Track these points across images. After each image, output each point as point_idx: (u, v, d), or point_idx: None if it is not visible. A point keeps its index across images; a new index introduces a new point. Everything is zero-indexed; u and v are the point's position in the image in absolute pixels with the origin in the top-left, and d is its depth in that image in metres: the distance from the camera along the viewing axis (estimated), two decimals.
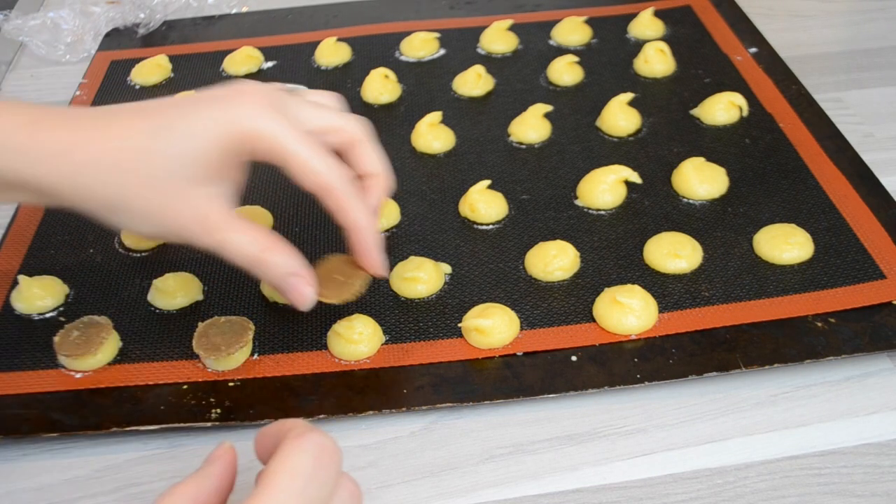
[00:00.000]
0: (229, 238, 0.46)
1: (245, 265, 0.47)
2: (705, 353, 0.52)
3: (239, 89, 0.47)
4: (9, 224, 0.65)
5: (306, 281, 0.48)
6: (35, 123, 0.45)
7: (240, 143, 0.45)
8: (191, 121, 0.45)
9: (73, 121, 0.46)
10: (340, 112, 0.50)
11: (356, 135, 0.49)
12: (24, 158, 0.45)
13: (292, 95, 0.49)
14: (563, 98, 0.75)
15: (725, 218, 0.62)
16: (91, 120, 0.46)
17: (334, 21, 0.89)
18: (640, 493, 0.47)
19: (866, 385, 0.52)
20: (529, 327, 0.55)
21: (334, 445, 0.35)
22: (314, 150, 0.46)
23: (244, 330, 0.53)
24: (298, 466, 0.33)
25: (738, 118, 0.71)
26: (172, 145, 0.45)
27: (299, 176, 0.46)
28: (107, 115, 0.47)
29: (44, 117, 0.46)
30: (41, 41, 0.87)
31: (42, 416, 0.51)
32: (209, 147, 0.45)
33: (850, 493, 0.46)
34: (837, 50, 0.83)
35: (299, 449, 0.34)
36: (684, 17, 0.86)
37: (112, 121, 0.46)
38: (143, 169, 0.45)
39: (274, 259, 0.47)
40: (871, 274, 0.57)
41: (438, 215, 0.64)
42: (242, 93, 0.46)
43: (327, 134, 0.48)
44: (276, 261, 0.47)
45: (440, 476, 0.48)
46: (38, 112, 0.46)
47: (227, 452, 0.36)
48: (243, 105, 0.45)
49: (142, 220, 0.46)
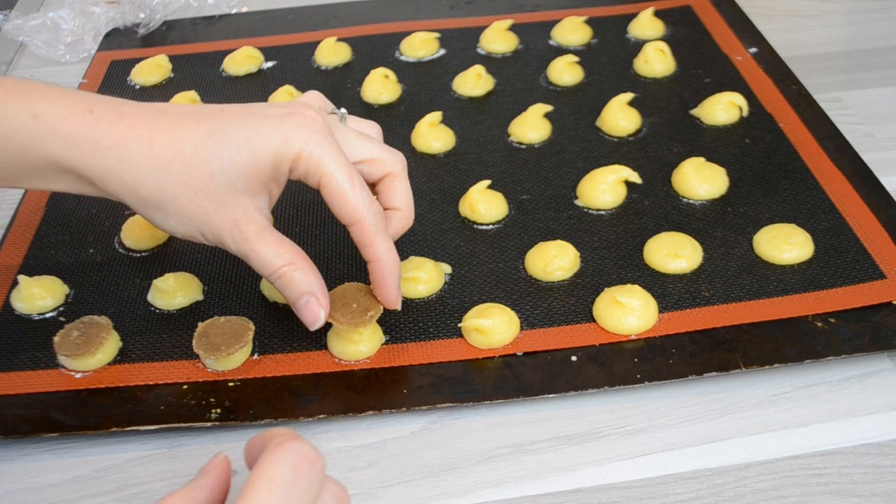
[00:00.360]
0: (257, 249, 0.48)
1: (267, 276, 0.49)
2: (705, 353, 0.52)
3: (294, 111, 0.48)
4: (9, 224, 0.65)
5: (320, 303, 0.50)
6: (91, 113, 0.46)
7: (290, 161, 0.47)
8: (249, 133, 0.47)
9: (129, 116, 0.47)
10: (381, 144, 0.53)
11: (394, 169, 0.52)
12: (77, 148, 0.46)
13: (340, 122, 0.52)
14: (563, 98, 0.75)
15: (725, 218, 0.62)
16: (145, 119, 0.47)
17: (334, 21, 0.89)
18: (640, 493, 0.47)
19: (866, 385, 0.52)
20: (529, 327, 0.55)
21: (315, 452, 0.34)
22: (354, 181, 0.48)
23: (244, 330, 0.53)
24: (276, 477, 0.33)
25: (738, 118, 0.71)
26: (227, 153, 0.46)
27: (336, 203, 0.48)
28: (162, 114, 0.48)
29: (100, 107, 0.47)
30: (41, 41, 0.87)
31: (42, 416, 0.51)
32: (261, 161, 0.47)
33: (850, 493, 0.46)
34: (837, 50, 0.83)
35: (277, 459, 0.34)
36: (684, 17, 0.86)
37: (168, 121, 0.47)
38: (191, 173, 0.46)
39: (295, 276, 0.49)
40: (871, 274, 0.57)
41: (438, 215, 0.64)
42: (298, 114, 0.48)
43: (366, 164, 0.51)
44: (296, 277, 0.49)
45: (440, 476, 0.48)
46: (95, 102, 0.47)
47: (220, 464, 0.36)
48: (299, 127, 0.47)
49: (178, 220, 0.48)
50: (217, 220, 0.47)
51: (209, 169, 0.46)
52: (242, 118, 0.47)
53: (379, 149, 0.52)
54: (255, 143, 0.47)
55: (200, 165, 0.46)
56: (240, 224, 0.48)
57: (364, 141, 0.51)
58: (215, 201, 0.47)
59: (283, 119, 0.47)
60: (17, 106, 0.46)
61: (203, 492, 0.35)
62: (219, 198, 0.47)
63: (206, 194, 0.47)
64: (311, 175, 0.48)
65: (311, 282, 0.49)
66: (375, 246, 0.49)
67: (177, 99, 0.75)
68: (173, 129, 0.47)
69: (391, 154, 0.52)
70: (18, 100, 0.46)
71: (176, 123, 0.47)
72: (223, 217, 0.47)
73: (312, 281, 0.49)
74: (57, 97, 0.47)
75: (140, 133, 0.46)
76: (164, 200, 0.47)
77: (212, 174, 0.46)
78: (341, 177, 0.47)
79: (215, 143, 0.46)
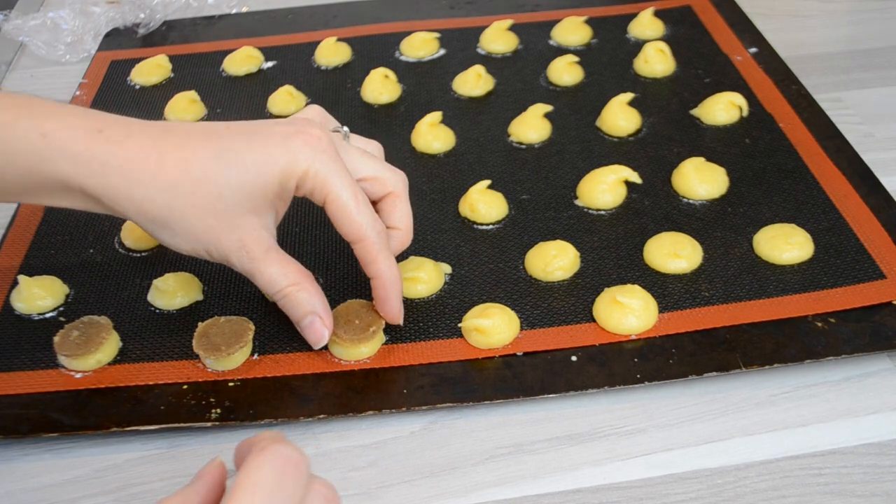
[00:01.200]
0: (263, 268, 0.49)
1: (272, 295, 0.50)
2: (705, 353, 0.52)
3: (300, 129, 0.48)
4: (9, 224, 0.65)
5: (324, 323, 0.51)
6: (100, 132, 0.47)
7: (296, 180, 0.48)
8: (256, 153, 0.47)
9: (137, 136, 0.48)
10: (384, 163, 0.53)
11: (395, 189, 0.52)
12: (86, 167, 0.46)
13: (343, 140, 0.52)
14: (563, 98, 0.75)
15: (725, 218, 0.62)
16: (154, 138, 0.48)
17: (334, 21, 0.89)
18: (640, 493, 0.47)
19: (866, 385, 0.52)
20: (529, 327, 0.55)
21: (298, 454, 0.34)
22: (358, 200, 0.49)
23: (244, 330, 0.53)
24: (259, 481, 0.33)
25: (738, 118, 0.71)
26: (235, 173, 0.47)
27: (341, 221, 0.49)
28: (170, 133, 0.48)
29: (109, 127, 0.47)
30: (41, 41, 0.87)
31: (42, 416, 0.51)
32: (268, 181, 0.47)
33: (850, 493, 0.46)
34: (837, 50, 0.83)
35: (260, 463, 0.34)
36: (684, 17, 0.86)
37: (176, 140, 0.48)
38: (199, 192, 0.47)
39: (299, 296, 0.50)
40: (871, 274, 0.57)
41: (438, 215, 0.64)
42: (304, 133, 0.48)
43: (369, 182, 0.51)
44: (300, 297, 0.50)
45: (440, 476, 0.48)
46: (104, 121, 0.48)
47: (214, 469, 0.36)
48: (306, 146, 0.48)
49: (185, 239, 0.48)
50: (224, 239, 0.48)
51: (218, 188, 0.47)
52: (249, 137, 0.48)
53: (382, 167, 0.52)
54: (263, 163, 0.47)
55: (209, 185, 0.47)
56: (246, 244, 0.48)
57: (367, 159, 0.52)
58: (224, 221, 0.48)
59: (289, 138, 0.48)
60: (27, 125, 0.46)
61: (197, 496, 0.35)
62: (227, 217, 0.47)
63: (215, 214, 0.47)
64: (318, 193, 0.48)
65: (315, 301, 0.50)
66: (378, 264, 0.50)
67: (177, 99, 0.75)
68: (181, 148, 0.47)
69: (393, 173, 0.53)
70: (28, 118, 0.46)
71: (184, 143, 0.47)
72: (230, 237, 0.48)
73: (316, 301, 0.50)
74: (66, 115, 0.47)
75: (149, 153, 0.47)
76: (172, 219, 0.47)
77: (220, 194, 0.47)
78: (346, 195, 0.48)
79: (224, 163, 0.47)
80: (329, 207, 0.49)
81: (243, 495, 0.33)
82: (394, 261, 0.51)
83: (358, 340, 0.52)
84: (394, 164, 0.54)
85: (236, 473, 0.34)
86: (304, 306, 0.50)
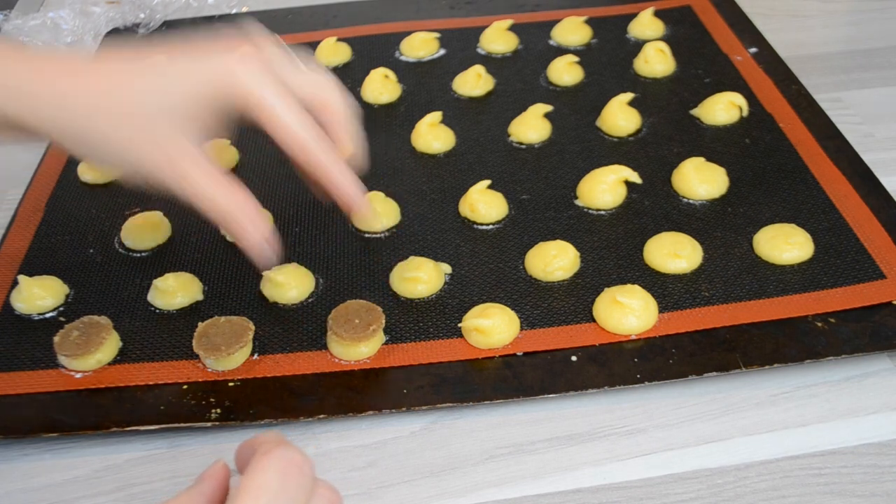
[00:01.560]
0: (187, 169, 0.46)
1: (196, 197, 0.46)
2: (705, 353, 0.52)
3: (233, 44, 0.47)
4: (9, 224, 0.65)
5: (250, 219, 0.47)
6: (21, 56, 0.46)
7: (221, 92, 0.46)
8: (179, 64, 0.46)
9: (58, 60, 0.47)
10: (328, 83, 0.50)
11: (334, 103, 0.49)
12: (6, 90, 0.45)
13: (286, 58, 0.49)
14: (563, 98, 0.75)
15: (725, 218, 0.62)
16: (76, 59, 0.47)
17: (334, 21, 0.89)
18: (640, 493, 0.47)
19: (866, 385, 0.52)
20: (529, 327, 0.55)
21: (302, 457, 0.34)
22: (290, 106, 0.46)
23: (244, 330, 0.53)
24: (263, 484, 0.33)
25: (738, 118, 0.71)
26: (153, 81, 0.46)
27: (273, 130, 0.46)
28: (95, 57, 0.48)
29: (29, 51, 0.47)
30: (41, 41, 0.87)
31: (42, 416, 0.51)
32: (188, 90, 0.46)
33: (850, 493, 0.46)
34: (837, 50, 0.83)
35: (264, 466, 0.34)
36: (684, 17, 0.86)
37: (100, 60, 0.47)
38: (115, 99, 0.46)
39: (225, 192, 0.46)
40: (871, 274, 0.57)
41: (438, 215, 0.64)
42: (235, 48, 0.47)
43: (308, 99, 0.48)
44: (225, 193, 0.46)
45: (440, 476, 0.48)
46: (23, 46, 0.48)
47: (218, 471, 0.36)
48: (233, 58, 0.46)
49: (107, 153, 0.47)
50: (149, 154, 0.46)
51: (135, 94, 0.45)
52: (182, 53, 0.47)
53: (324, 87, 0.49)
54: (185, 72, 0.46)
55: (126, 91, 0.46)
56: (167, 148, 0.46)
57: (308, 78, 0.49)
58: (144, 132, 0.46)
59: (219, 52, 0.47)
60: None
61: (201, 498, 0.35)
62: (148, 128, 0.46)
63: (132, 123, 0.45)
64: (248, 105, 0.46)
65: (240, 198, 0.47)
66: (320, 163, 0.47)
67: None
68: (106, 63, 0.47)
69: (331, 87, 0.49)
70: None
71: (108, 59, 0.47)
72: (155, 151, 0.46)
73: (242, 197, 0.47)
74: None
75: (72, 68, 0.46)
76: (90, 130, 0.46)
77: (138, 101, 0.45)
78: (273, 101, 0.46)
79: (143, 73, 0.46)
80: (260, 117, 0.46)
81: (248, 498, 0.33)
82: (338, 157, 0.48)
83: (358, 340, 0.52)
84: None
85: (241, 476, 0.34)
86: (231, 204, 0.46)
